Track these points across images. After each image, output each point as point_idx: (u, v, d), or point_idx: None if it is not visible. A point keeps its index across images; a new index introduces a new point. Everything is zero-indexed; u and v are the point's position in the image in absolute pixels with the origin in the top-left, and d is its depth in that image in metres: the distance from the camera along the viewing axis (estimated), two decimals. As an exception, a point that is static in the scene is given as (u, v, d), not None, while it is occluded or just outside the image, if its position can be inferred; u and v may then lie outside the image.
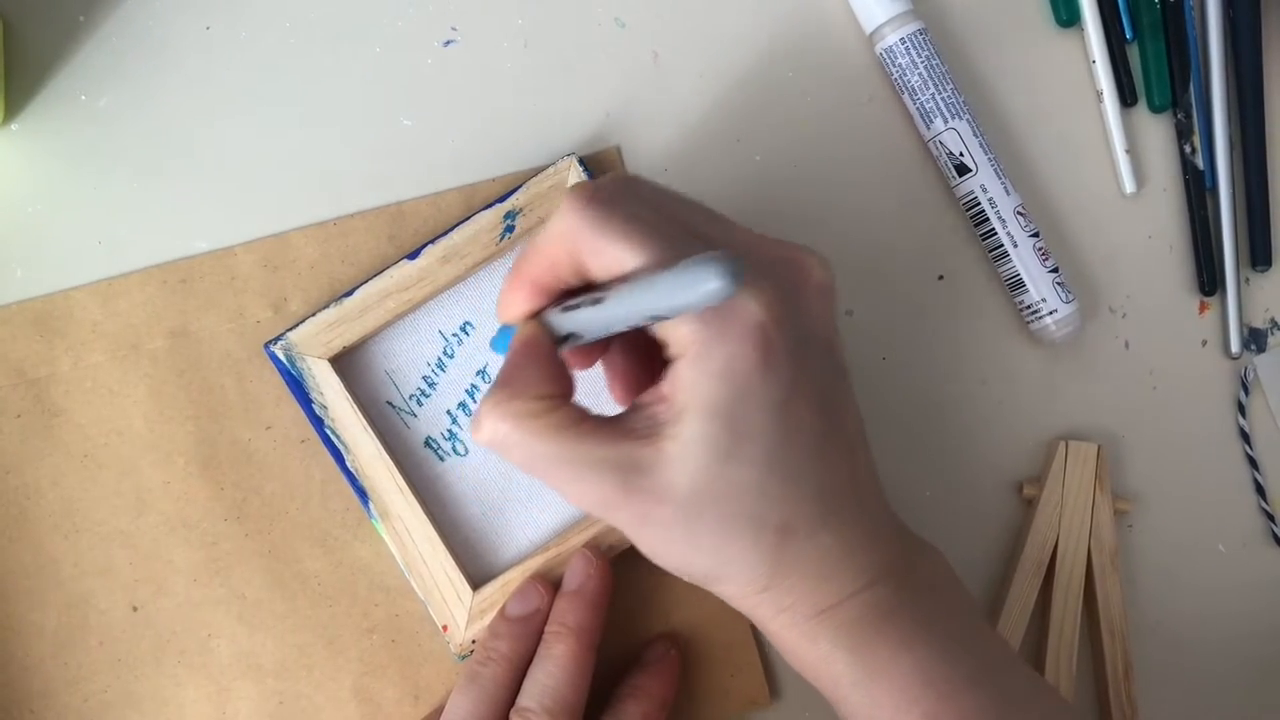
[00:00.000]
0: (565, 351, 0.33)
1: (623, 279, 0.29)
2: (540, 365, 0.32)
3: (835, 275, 0.33)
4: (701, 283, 0.26)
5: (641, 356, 0.35)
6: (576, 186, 0.31)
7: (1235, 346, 0.45)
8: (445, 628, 0.39)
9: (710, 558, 0.31)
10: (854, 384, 0.33)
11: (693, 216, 0.32)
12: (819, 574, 0.31)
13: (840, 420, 0.32)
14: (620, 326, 0.30)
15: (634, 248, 0.29)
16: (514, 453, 0.31)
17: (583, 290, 0.32)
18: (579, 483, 0.30)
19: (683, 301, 0.27)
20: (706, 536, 0.30)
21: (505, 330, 0.34)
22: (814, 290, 0.32)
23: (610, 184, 0.32)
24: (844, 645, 0.32)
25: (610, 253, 0.30)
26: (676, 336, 0.30)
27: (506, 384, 0.31)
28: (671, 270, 0.27)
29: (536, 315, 0.33)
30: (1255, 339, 0.45)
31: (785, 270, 0.32)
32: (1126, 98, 0.44)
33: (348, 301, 0.39)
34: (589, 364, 0.36)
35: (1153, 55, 0.44)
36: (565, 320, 0.32)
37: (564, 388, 0.32)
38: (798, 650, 0.33)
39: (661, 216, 0.30)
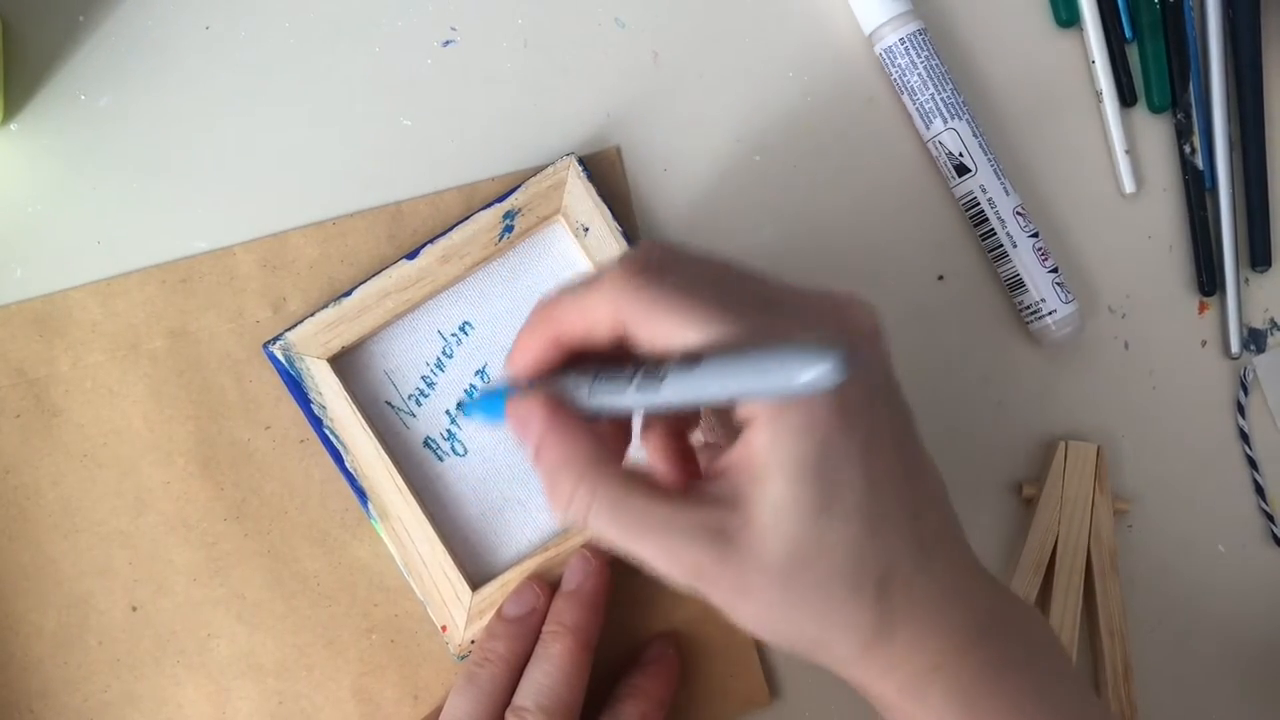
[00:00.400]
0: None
1: (685, 355, 0.28)
2: (583, 431, 0.30)
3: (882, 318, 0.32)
4: (801, 372, 0.24)
5: (675, 426, 0.34)
6: (625, 256, 0.30)
7: (1235, 347, 0.45)
8: (444, 628, 0.39)
9: (812, 621, 0.29)
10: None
11: (732, 280, 0.31)
12: (925, 626, 0.30)
13: (918, 463, 0.31)
14: (679, 406, 0.28)
15: (695, 321, 0.28)
16: (607, 523, 0.30)
17: (594, 358, 0.31)
18: (669, 550, 0.29)
19: (776, 387, 0.25)
20: (806, 599, 0.29)
21: (492, 397, 0.32)
22: (869, 334, 0.31)
23: (658, 251, 0.30)
24: (956, 704, 0.30)
25: (667, 325, 0.28)
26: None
27: (572, 455, 0.30)
28: (761, 354, 0.25)
29: (542, 380, 0.31)
30: (1255, 339, 0.45)
31: (840, 322, 0.31)
32: (1126, 98, 0.44)
33: (346, 301, 0.39)
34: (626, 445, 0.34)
35: (1152, 55, 0.44)
36: (596, 397, 0.30)
37: (619, 451, 0.31)
38: (907, 713, 0.31)
39: (718, 287, 0.29)
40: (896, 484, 0.30)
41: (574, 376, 0.30)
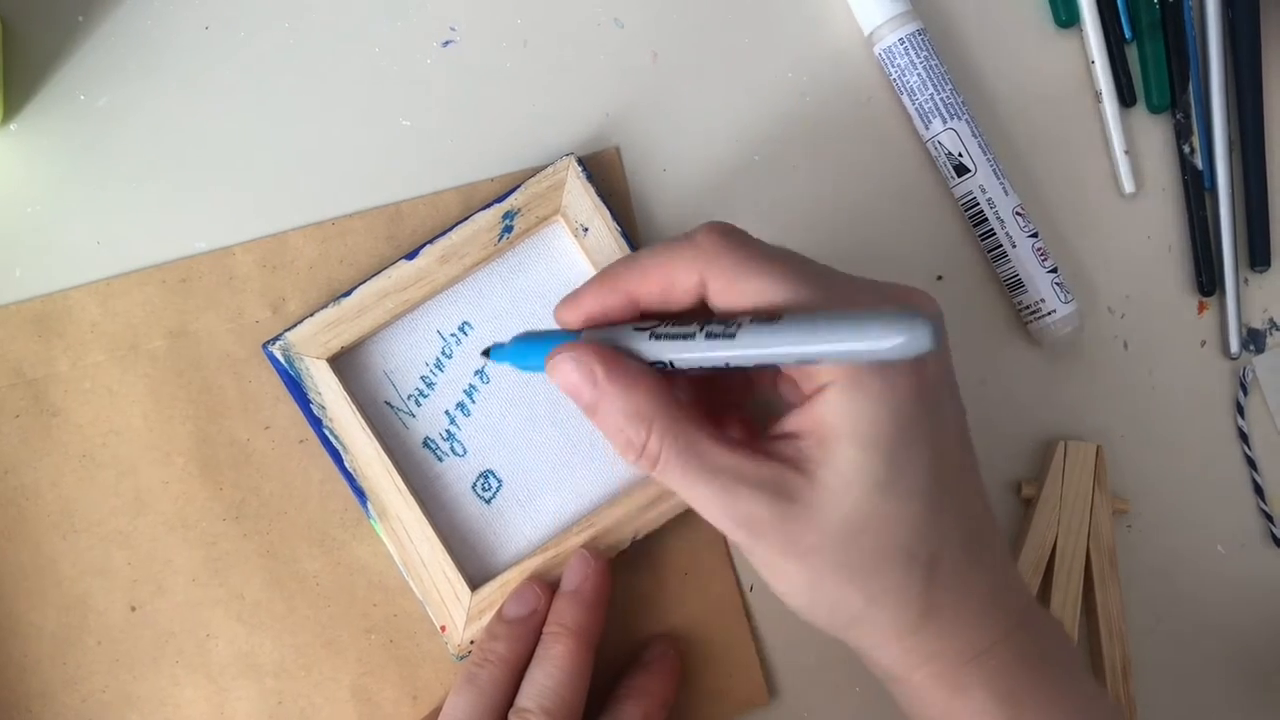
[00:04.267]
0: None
1: (761, 312, 0.28)
2: (646, 377, 0.30)
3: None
4: (890, 337, 0.24)
5: (726, 380, 0.35)
6: (716, 222, 0.30)
7: (1234, 347, 0.45)
8: (443, 628, 0.39)
9: (859, 593, 0.29)
10: None
11: (809, 260, 0.31)
12: (970, 613, 0.30)
13: (971, 460, 0.32)
14: (748, 360, 0.28)
15: (782, 281, 0.28)
16: (672, 469, 0.30)
17: (653, 317, 0.31)
18: (728, 497, 0.29)
19: (862, 350, 0.25)
20: (858, 570, 0.29)
21: (530, 343, 0.33)
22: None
23: (738, 229, 0.31)
24: (998, 694, 0.30)
25: (755, 283, 0.29)
26: (819, 366, 0.29)
27: (640, 402, 0.30)
28: (847, 318, 0.26)
29: (586, 335, 0.32)
30: (1254, 339, 0.45)
31: (907, 305, 0.31)
32: (1125, 98, 0.44)
33: (346, 301, 0.39)
34: None
35: (1152, 55, 0.44)
36: (658, 348, 0.30)
37: (676, 399, 0.31)
38: (944, 705, 0.31)
39: (797, 260, 0.30)
40: (956, 474, 0.30)
41: (629, 329, 0.31)
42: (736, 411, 0.36)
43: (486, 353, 0.37)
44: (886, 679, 0.32)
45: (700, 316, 0.30)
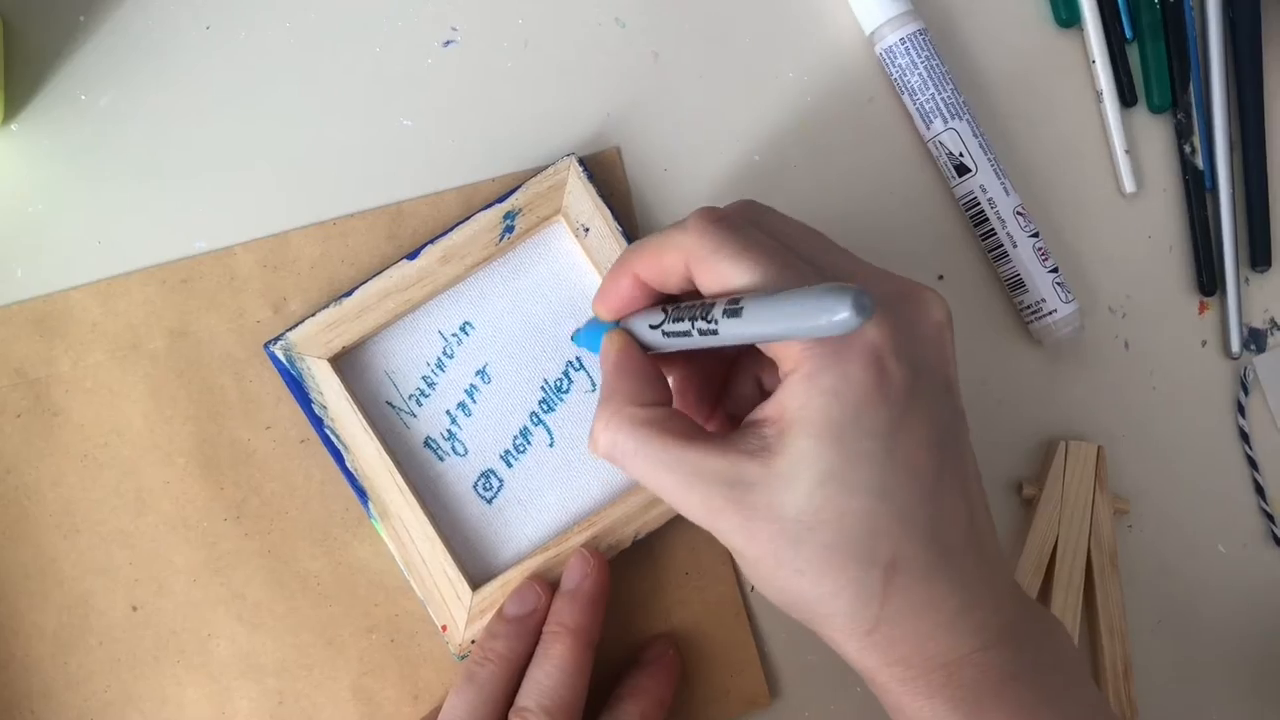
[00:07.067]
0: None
1: (730, 295, 0.29)
2: (642, 374, 0.32)
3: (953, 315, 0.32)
4: (828, 312, 0.25)
5: (712, 369, 0.36)
6: (707, 208, 0.32)
7: (1235, 347, 0.45)
8: (444, 627, 0.39)
9: (814, 586, 0.29)
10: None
11: (812, 246, 0.32)
12: (934, 622, 0.30)
13: (957, 464, 0.31)
14: (725, 343, 0.29)
15: (747, 268, 0.29)
16: (632, 461, 0.31)
17: (670, 299, 0.33)
18: (689, 490, 0.30)
19: (805, 327, 0.26)
20: (811, 562, 0.29)
21: (595, 327, 0.35)
22: (932, 327, 0.31)
23: (736, 208, 0.32)
24: (961, 709, 0.30)
25: (723, 270, 0.30)
26: (788, 354, 0.29)
27: (613, 396, 0.32)
28: (796, 295, 0.26)
29: (623, 321, 0.34)
30: (1255, 339, 0.45)
31: (904, 304, 0.31)
32: (1126, 98, 0.44)
33: (347, 301, 0.39)
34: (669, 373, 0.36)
35: (1152, 55, 0.44)
36: (665, 333, 0.32)
37: (666, 395, 0.33)
38: (907, 711, 0.31)
39: (780, 243, 0.31)
40: (923, 477, 0.29)
41: (651, 312, 0.33)
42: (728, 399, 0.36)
43: (573, 336, 0.40)
44: (860, 673, 0.32)
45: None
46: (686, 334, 0.31)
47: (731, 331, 0.29)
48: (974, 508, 0.31)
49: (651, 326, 0.32)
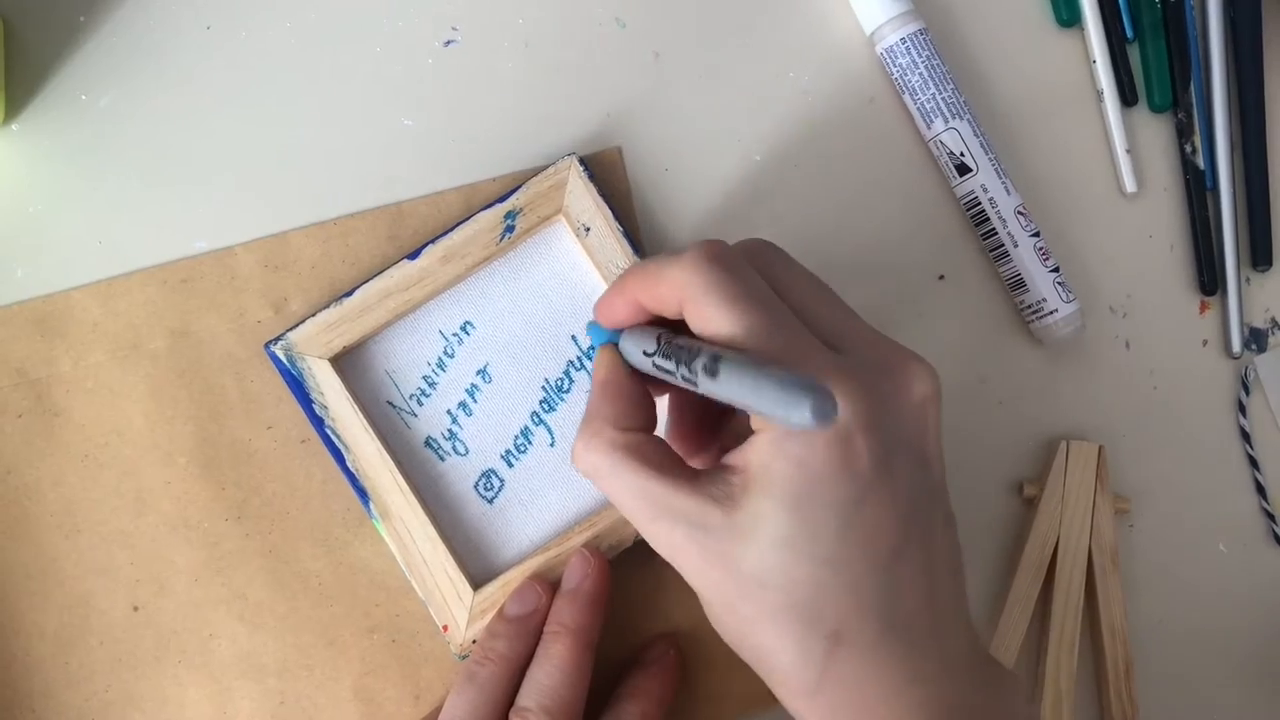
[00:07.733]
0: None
1: (715, 343, 0.30)
2: (627, 397, 0.33)
3: (941, 387, 0.32)
4: (793, 408, 0.25)
5: (706, 405, 0.35)
6: (708, 242, 0.31)
7: (1236, 346, 0.45)
8: (445, 627, 0.39)
9: (760, 640, 0.30)
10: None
11: (811, 299, 0.32)
12: (877, 695, 0.29)
13: (925, 539, 0.30)
14: (705, 394, 0.29)
15: (735, 318, 0.29)
16: (606, 482, 0.32)
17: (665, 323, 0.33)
18: (653, 522, 0.31)
19: (770, 412, 0.26)
20: (759, 617, 0.29)
21: (601, 332, 0.35)
22: (914, 402, 0.31)
23: (740, 248, 0.32)
24: None
25: (710, 314, 0.30)
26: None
27: (596, 416, 0.32)
28: (767, 378, 0.26)
29: (624, 334, 0.34)
30: (1256, 339, 0.45)
31: (887, 377, 0.31)
32: (1127, 97, 0.44)
33: (348, 301, 0.39)
34: (662, 394, 0.36)
35: (1153, 55, 0.44)
36: (649, 364, 0.32)
37: (649, 420, 0.33)
38: None
39: (775, 293, 0.31)
40: (881, 553, 0.29)
41: (647, 335, 0.33)
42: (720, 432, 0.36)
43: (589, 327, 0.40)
44: None
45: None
46: (672, 374, 0.31)
47: (708, 389, 0.29)
48: (936, 581, 0.30)
49: (645, 354, 0.32)
